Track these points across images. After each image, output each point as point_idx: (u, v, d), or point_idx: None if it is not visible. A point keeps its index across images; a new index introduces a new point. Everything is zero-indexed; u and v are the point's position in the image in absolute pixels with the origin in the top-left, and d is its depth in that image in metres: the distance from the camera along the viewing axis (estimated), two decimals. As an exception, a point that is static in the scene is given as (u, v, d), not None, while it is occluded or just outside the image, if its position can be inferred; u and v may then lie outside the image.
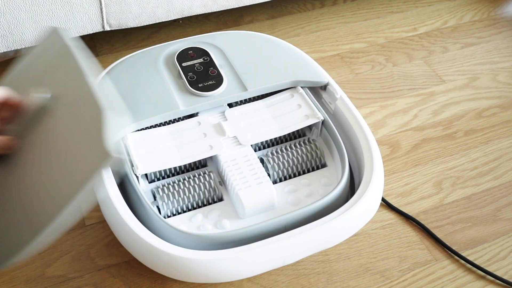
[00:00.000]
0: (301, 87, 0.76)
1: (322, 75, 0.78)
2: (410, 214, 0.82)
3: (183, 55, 0.79)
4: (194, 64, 0.77)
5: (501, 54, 1.14)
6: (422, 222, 0.81)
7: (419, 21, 1.22)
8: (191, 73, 0.75)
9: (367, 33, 1.18)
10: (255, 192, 0.65)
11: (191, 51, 0.79)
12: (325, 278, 0.75)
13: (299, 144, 0.73)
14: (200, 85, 0.74)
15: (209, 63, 0.77)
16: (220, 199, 0.68)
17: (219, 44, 0.81)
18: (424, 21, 1.22)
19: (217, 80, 0.74)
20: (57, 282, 0.73)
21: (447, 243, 0.79)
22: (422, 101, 1.02)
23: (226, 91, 0.74)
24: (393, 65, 1.10)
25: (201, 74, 0.75)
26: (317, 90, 0.79)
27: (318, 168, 0.72)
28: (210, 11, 1.06)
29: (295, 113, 0.73)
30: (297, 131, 0.75)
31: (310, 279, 0.74)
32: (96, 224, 0.79)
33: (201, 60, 0.78)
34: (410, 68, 1.10)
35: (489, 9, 1.26)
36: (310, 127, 0.76)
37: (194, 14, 1.05)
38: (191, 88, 0.73)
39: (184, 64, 0.77)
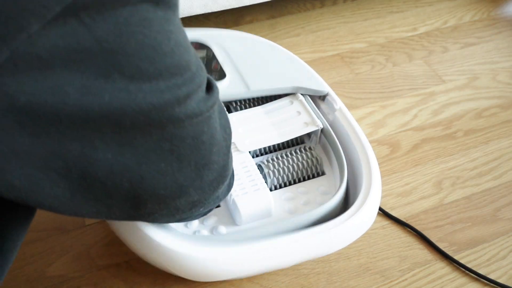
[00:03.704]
0: (301, 94, 0.76)
1: (323, 85, 0.77)
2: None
3: None
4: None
5: (501, 54, 1.14)
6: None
7: (419, 21, 1.22)
8: None
9: (367, 33, 1.18)
10: (252, 198, 0.64)
11: (193, 43, 0.78)
12: (325, 278, 0.75)
13: (298, 151, 0.72)
14: None
15: (212, 57, 0.76)
16: (217, 205, 0.67)
17: (221, 42, 0.80)
18: (424, 21, 1.22)
19: (220, 75, 0.73)
20: (57, 282, 0.73)
21: (445, 244, 0.79)
22: (422, 101, 1.02)
23: (228, 87, 0.73)
24: (393, 65, 1.10)
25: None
26: (316, 100, 0.78)
27: (316, 176, 0.71)
28: (210, 11, 1.06)
29: (294, 120, 0.73)
30: (296, 138, 0.74)
31: (310, 279, 0.74)
32: (96, 224, 0.79)
33: (204, 53, 0.76)
34: (410, 68, 1.10)
35: (489, 9, 1.26)
36: (309, 135, 0.75)
37: (194, 14, 1.05)
38: None
39: None
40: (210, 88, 0.44)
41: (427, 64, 1.11)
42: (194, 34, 0.81)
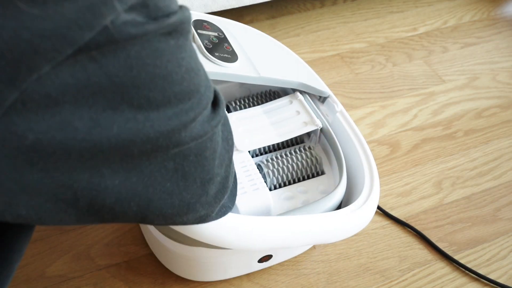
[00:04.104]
0: (300, 92, 0.76)
1: (325, 87, 0.77)
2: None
3: (198, 24, 0.76)
4: (209, 35, 0.74)
5: (501, 54, 1.14)
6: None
7: (419, 21, 1.22)
8: (206, 41, 0.73)
9: (367, 33, 1.18)
10: (251, 198, 0.64)
11: (205, 23, 0.77)
12: (325, 278, 0.75)
13: (297, 151, 0.72)
14: (216, 54, 0.72)
15: (224, 39, 0.75)
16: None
17: (230, 29, 0.79)
18: (424, 21, 1.22)
19: (232, 56, 0.72)
20: (57, 282, 0.73)
21: (445, 244, 0.79)
22: (422, 101, 1.02)
23: (240, 69, 0.72)
24: (393, 65, 1.10)
25: (216, 45, 0.73)
26: (315, 102, 0.78)
27: (315, 176, 0.71)
28: (210, 11, 1.06)
29: (294, 120, 0.72)
30: (295, 137, 0.74)
31: (310, 279, 0.74)
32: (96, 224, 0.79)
33: (215, 34, 0.76)
34: (410, 68, 1.10)
35: (489, 9, 1.26)
36: (308, 134, 0.74)
37: (194, 14, 1.05)
38: (207, 53, 0.71)
39: (199, 32, 0.75)
40: (216, 103, 0.44)
41: (427, 64, 1.11)
42: (205, 17, 0.80)
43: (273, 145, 0.73)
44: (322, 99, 0.77)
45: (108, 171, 0.36)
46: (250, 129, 0.72)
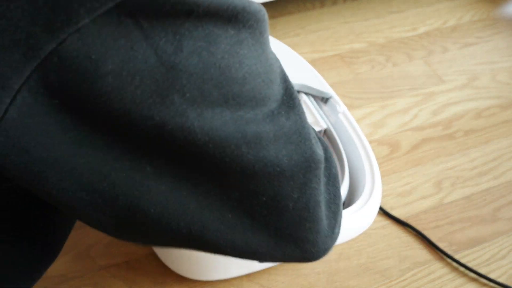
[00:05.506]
0: (305, 94, 0.76)
1: (328, 88, 0.77)
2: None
3: None
4: None
5: (501, 54, 1.14)
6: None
7: (419, 21, 1.22)
8: None
9: (367, 33, 1.18)
10: None
11: None
12: (325, 278, 0.75)
13: None
14: None
15: None
16: None
17: None
18: (424, 21, 1.22)
19: None
20: (57, 282, 0.73)
21: (445, 244, 0.79)
22: (422, 101, 1.02)
23: None
24: (393, 65, 1.10)
25: None
26: (318, 103, 0.78)
27: None
28: (210, 11, 1.06)
29: None
30: None
31: (310, 279, 0.74)
32: (96, 224, 0.79)
33: None
34: (410, 68, 1.10)
35: (489, 9, 1.26)
36: None
37: (194, 14, 1.05)
38: None
39: None
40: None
41: (427, 64, 1.11)
42: None
43: None
44: (324, 99, 0.77)
45: (151, 169, 0.30)
46: None
